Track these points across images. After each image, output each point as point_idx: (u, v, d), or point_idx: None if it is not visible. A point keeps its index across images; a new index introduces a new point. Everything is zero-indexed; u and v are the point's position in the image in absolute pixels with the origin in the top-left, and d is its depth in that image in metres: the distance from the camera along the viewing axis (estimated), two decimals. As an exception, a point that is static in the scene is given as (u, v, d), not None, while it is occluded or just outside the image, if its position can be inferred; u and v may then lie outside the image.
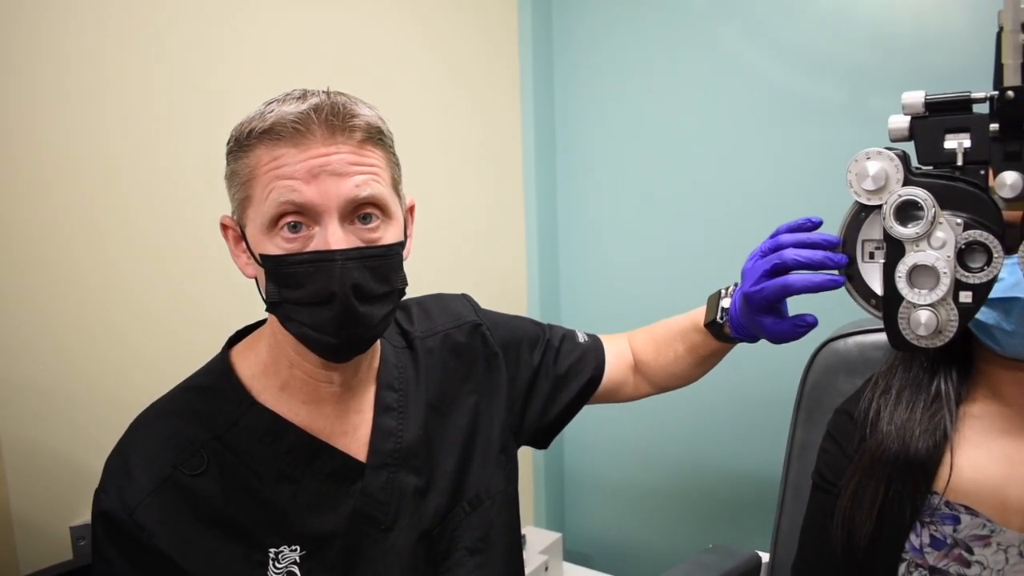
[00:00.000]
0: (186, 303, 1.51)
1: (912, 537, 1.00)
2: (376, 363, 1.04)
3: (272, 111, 0.87)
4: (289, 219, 0.86)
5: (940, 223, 0.85)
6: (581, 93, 2.27)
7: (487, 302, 1.25)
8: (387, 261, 0.92)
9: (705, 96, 2.03)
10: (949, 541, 0.97)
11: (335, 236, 0.86)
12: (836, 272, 0.94)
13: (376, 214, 0.91)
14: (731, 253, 2.00)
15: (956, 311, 0.85)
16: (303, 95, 0.89)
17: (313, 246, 0.87)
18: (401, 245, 0.95)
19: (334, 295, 0.86)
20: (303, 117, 0.86)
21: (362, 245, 0.89)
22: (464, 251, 2.14)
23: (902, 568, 1.00)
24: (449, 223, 2.07)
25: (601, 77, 2.22)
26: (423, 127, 1.99)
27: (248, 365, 0.98)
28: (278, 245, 0.87)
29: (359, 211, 0.89)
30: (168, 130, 1.47)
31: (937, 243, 0.86)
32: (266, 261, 0.88)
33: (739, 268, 1.05)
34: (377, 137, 0.92)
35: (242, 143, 0.89)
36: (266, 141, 0.87)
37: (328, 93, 0.90)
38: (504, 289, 2.28)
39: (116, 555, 0.88)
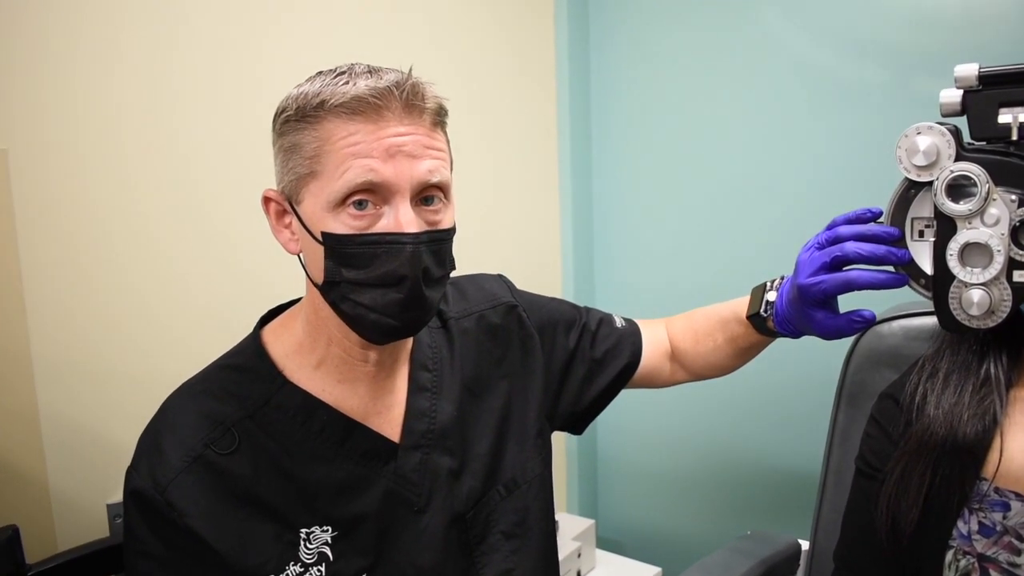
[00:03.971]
0: (222, 284, 1.52)
1: (960, 524, 0.97)
2: (410, 343, 1.03)
3: (346, 82, 0.85)
4: (358, 197, 0.84)
5: (994, 199, 0.83)
6: (618, 70, 2.24)
7: (520, 284, 1.24)
8: (446, 245, 0.91)
9: (744, 76, 2.00)
10: (999, 528, 0.95)
11: (407, 217, 0.85)
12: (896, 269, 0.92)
13: (440, 197, 0.90)
14: (769, 236, 1.98)
15: (1010, 290, 0.83)
16: (369, 70, 0.87)
17: (382, 226, 0.85)
18: (455, 229, 0.94)
19: (405, 278, 0.85)
20: (383, 93, 0.84)
21: (428, 228, 0.88)
22: (497, 231, 2.12)
23: (949, 555, 0.97)
24: (482, 202, 2.06)
25: (638, 55, 2.19)
26: (455, 102, 1.98)
27: (281, 344, 0.97)
28: (344, 223, 0.85)
29: (424, 193, 0.88)
30: (203, 106, 1.48)
31: (991, 220, 0.83)
32: (328, 239, 0.86)
33: (777, 251, 1.03)
34: (444, 120, 0.92)
35: (307, 114, 0.85)
36: (341, 115, 0.84)
37: (403, 71, 0.88)
38: (538, 270, 2.26)
39: (147, 533, 0.88)
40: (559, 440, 2.30)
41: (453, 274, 0.97)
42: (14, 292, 1.27)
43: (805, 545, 1.50)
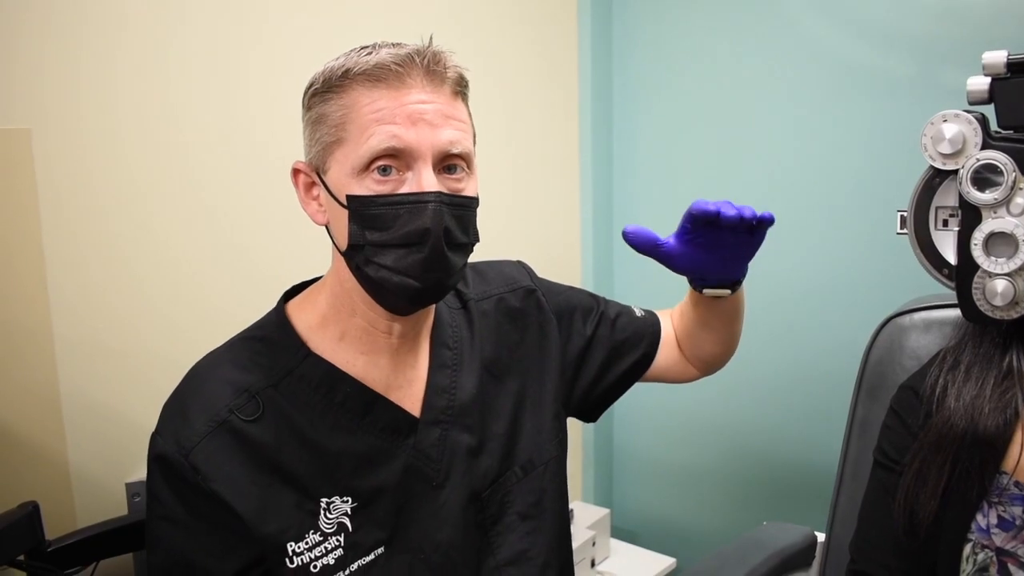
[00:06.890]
0: (244, 263, 1.53)
1: (978, 517, 0.96)
2: (430, 321, 1.04)
3: (369, 53, 0.88)
4: (381, 162, 0.87)
5: (1020, 188, 0.82)
6: (640, 60, 2.23)
7: (539, 274, 1.24)
8: (469, 212, 0.93)
9: (768, 68, 1.98)
10: (1018, 522, 0.94)
11: (429, 181, 0.87)
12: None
13: (462, 166, 0.92)
14: (793, 227, 1.97)
15: (1035, 281, 0.82)
16: (392, 44, 0.90)
17: (404, 190, 0.87)
18: (478, 200, 0.95)
19: (427, 233, 0.86)
20: (405, 60, 0.87)
21: (450, 192, 0.90)
22: (517, 222, 2.13)
23: (967, 549, 0.96)
24: (502, 193, 2.06)
25: (661, 45, 2.18)
26: (477, 93, 1.98)
27: (305, 318, 0.98)
28: (367, 188, 0.87)
29: (447, 161, 0.90)
30: (230, 94, 1.48)
31: (1017, 210, 0.82)
32: (352, 201, 0.88)
33: (800, 241, 1.02)
34: (464, 91, 0.94)
35: (333, 84, 0.88)
36: (364, 83, 0.87)
37: (424, 42, 0.90)
38: (557, 261, 2.26)
39: (171, 496, 0.89)
40: (575, 429, 2.30)
41: (472, 258, 0.98)
42: (36, 272, 1.28)
43: (821, 537, 1.49)
